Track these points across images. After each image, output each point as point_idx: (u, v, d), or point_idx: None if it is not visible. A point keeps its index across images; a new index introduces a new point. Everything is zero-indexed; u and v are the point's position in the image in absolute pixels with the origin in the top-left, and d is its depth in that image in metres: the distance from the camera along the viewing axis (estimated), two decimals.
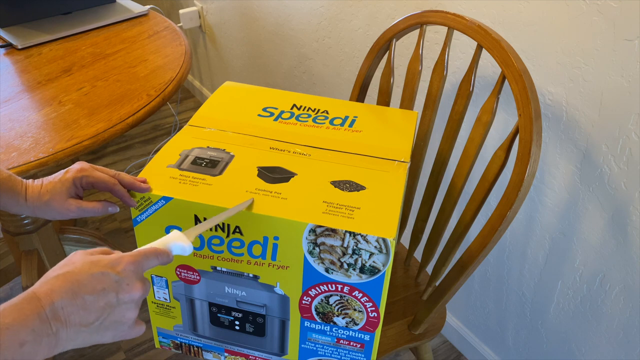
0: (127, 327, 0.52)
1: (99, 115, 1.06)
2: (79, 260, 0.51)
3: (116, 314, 0.50)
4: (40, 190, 0.67)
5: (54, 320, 0.46)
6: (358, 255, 0.68)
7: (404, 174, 0.77)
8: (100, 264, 0.51)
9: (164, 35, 1.38)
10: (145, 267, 0.54)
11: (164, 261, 0.56)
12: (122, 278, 0.51)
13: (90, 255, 0.52)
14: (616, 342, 1.04)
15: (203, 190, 0.71)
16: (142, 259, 0.53)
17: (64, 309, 0.47)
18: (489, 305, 1.34)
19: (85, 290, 0.48)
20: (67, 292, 0.48)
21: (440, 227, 1.01)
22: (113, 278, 0.50)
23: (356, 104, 0.96)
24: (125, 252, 0.54)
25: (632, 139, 0.87)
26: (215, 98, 0.94)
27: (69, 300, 0.47)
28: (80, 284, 0.48)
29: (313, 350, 0.81)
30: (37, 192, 0.67)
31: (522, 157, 0.79)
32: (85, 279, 0.49)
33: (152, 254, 0.55)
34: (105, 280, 0.50)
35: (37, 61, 1.26)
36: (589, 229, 1.01)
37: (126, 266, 0.52)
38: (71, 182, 0.67)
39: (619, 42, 0.84)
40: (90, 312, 0.49)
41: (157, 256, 0.55)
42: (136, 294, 0.51)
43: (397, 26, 0.99)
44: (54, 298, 0.47)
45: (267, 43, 1.87)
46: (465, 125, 1.10)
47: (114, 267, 0.51)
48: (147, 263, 0.54)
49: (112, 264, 0.51)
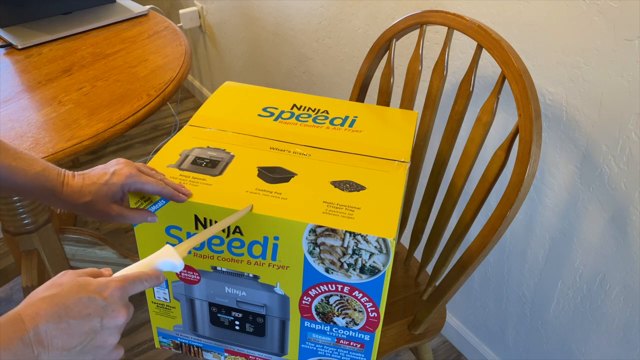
0: (107, 352, 0.52)
1: (99, 115, 1.06)
2: (67, 282, 0.50)
3: (98, 339, 0.50)
4: (82, 190, 0.64)
5: (36, 344, 0.46)
6: (358, 255, 0.68)
7: (404, 174, 0.77)
8: (87, 288, 0.50)
9: (164, 35, 1.38)
10: (131, 292, 0.53)
11: (153, 285, 0.55)
12: (108, 304, 0.50)
13: (78, 276, 0.51)
14: (616, 342, 1.04)
15: (203, 191, 0.71)
16: (128, 284, 0.53)
17: (48, 332, 0.47)
18: (489, 305, 1.34)
19: (70, 315, 0.48)
20: (53, 315, 0.47)
21: (440, 227, 1.01)
22: (99, 304, 0.50)
23: (356, 104, 0.96)
24: (113, 276, 0.54)
25: (632, 139, 0.87)
26: (215, 98, 0.94)
27: (53, 324, 0.47)
28: (66, 308, 0.48)
29: (313, 350, 0.81)
30: (78, 191, 0.64)
31: (522, 157, 0.79)
32: (71, 303, 0.48)
33: (140, 279, 0.54)
34: (91, 306, 0.49)
35: (37, 61, 1.26)
36: (589, 229, 1.01)
37: (113, 291, 0.51)
38: (118, 188, 0.65)
39: (619, 42, 0.84)
40: (74, 336, 0.48)
41: (144, 281, 0.54)
42: (120, 319, 0.51)
43: (397, 26, 0.99)
44: (38, 322, 0.46)
45: (267, 43, 1.87)
46: (465, 125, 1.10)
47: (101, 293, 0.50)
48: (133, 288, 0.53)
49: (99, 289, 0.50)
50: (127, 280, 0.53)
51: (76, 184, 0.65)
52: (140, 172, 0.67)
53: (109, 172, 0.65)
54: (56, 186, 0.64)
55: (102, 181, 0.65)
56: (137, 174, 0.66)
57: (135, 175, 0.65)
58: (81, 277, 0.51)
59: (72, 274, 0.52)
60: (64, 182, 0.65)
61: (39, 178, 0.63)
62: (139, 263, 0.57)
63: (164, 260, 0.58)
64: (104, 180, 0.65)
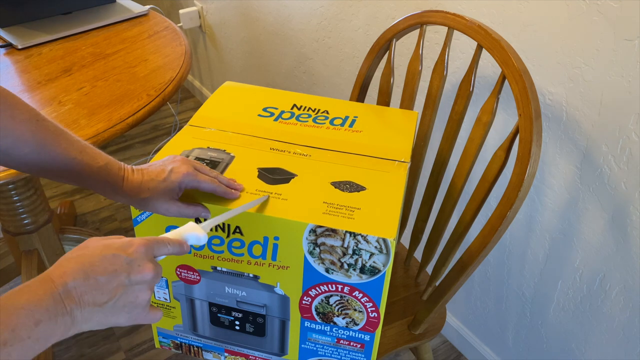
0: (141, 309, 0.53)
1: (99, 115, 1.06)
2: (92, 244, 0.52)
3: (129, 295, 0.51)
4: (141, 186, 0.66)
5: (67, 300, 0.47)
6: (358, 255, 0.68)
7: (404, 174, 0.77)
8: (112, 247, 0.51)
9: (164, 35, 1.38)
10: (156, 252, 0.54)
11: (177, 251, 0.56)
12: (133, 259, 0.51)
13: (104, 239, 0.53)
14: (616, 342, 1.04)
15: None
16: (153, 243, 0.54)
17: (77, 289, 0.48)
18: (489, 305, 1.34)
19: (97, 271, 0.49)
20: (79, 272, 0.49)
21: (440, 227, 1.01)
22: (124, 260, 0.51)
23: (356, 104, 0.96)
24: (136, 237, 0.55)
25: (632, 139, 0.88)
26: (215, 98, 0.94)
27: (81, 280, 0.48)
28: (92, 265, 0.50)
29: (313, 350, 0.81)
30: (137, 187, 0.66)
31: (522, 157, 0.79)
32: (97, 261, 0.50)
33: (164, 242, 0.55)
34: (116, 262, 0.51)
35: (37, 61, 1.26)
36: (589, 229, 1.01)
37: (137, 248, 0.52)
38: (176, 185, 0.67)
39: (619, 42, 0.84)
40: (103, 292, 0.49)
41: (168, 244, 0.56)
42: (148, 274, 0.52)
43: (397, 26, 0.99)
44: (66, 279, 0.48)
45: (267, 43, 1.87)
46: (465, 125, 1.10)
47: (125, 249, 0.52)
48: (158, 248, 0.55)
49: (123, 247, 0.52)
50: (152, 240, 0.54)
51: (136, 180, 0.66)
52: (196, 170, 0.68)
53: (167, 169, 0.67)
54: (117, 181, 0.66)
55: (161, 178, 0.66)
56: (194, 173, 0.68)
57: (192, 174, 0.67)
58: (106, 239, 0.53)
59: (98, 238, 0.54)
60: (124, 177, 0.66)
61: (102, 172, 0.65)
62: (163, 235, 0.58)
63: (190, 233, 0.59)
64: (162, 178, 0.66)
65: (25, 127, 0.60)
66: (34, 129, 0.61)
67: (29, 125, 0.61)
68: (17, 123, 0.60)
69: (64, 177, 0.64)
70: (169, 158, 0.70)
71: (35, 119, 0.61)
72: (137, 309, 0.53)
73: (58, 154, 0.63)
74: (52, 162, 0.63)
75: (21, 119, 0.60)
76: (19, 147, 0.60)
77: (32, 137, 0.61)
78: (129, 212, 1.94)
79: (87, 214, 1.96)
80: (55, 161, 0.63)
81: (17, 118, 0.60)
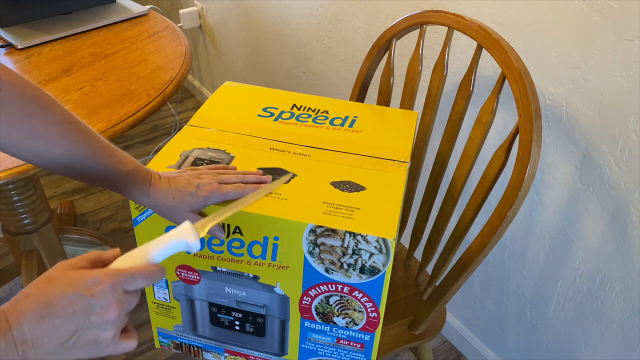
0: (104, 346, 0.51)
1: (99, 115, 1.06)
2: (57, 276, 0.49)
3: (89, 335, 0.49)
4: (167, 194, 0.66)
5: (20, 343, 0.45)
6: (358, 255, 0.68)
7: (404, 174, 0.77)
8: (75, 284, 0.49)
9: (164, 35, 1.38)
10: (127, 287, 0.51)
11: (151, 280, 0.54)
12: (96, 300, 0.49)
13: (70, 269, 0.51)
14: (616, 342, 1.04)
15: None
16: (122, 279, 0.51)
17: (31, 331, 0.46)
18: (489, 305, 1.34)
19: (54, 313, 0.47)
20: (35, 313, 0.46)
21: (440, 227, 1.01)
22: (86, 301, 0.48)
23: (356, 104, 0.96)
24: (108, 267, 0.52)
25: (632, 139, 0.87)
26: (215, 98, 0.94)
27: (36, 323, 0.46)
28: (50, 305, 0.47)
29: (313, 350, 0.81)
30: (163, 194, 0.66)
31: (522, 157, 0.79)
32: (56, 300, 0.47)
33: (134, 274, 0.52)
34: (76, 303, 0.48)
35: (37, 61, 1.26)
36: (589, 229, 1.01)
37: (103, 287, 0.49)
38: (202, 200, 0.67)
39: (619, 42, 0.84)
40: (59, 334, 0.47)
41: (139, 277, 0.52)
42: (110, 315, 0.49)
43: (397, 26, 0.99)
44: (21, 320, 0.46)
45: (267, 43, 1.87)
46: (465, 125, 1.10)
47: (89, 289, 0.49)
48: (128, 284, 0.51)
49: (88, 285, 0.49)
50: (118, 276, 0.51)
51: (162, 187, 0.67)
52: (220, 184, 0.69)
53: (193, 183, 0.67)
54: (144, 186, 0.66)
55: (188, 191, 0.67)
56: (219, 188, 0.68)
57: (217, 190, 0.68)
58: (74, 270, 0.50)
59: (67, 266, 0.51)
60: (151, 182, 0.67)
61: (130, 176, 0.65)
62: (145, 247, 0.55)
63: (175, 241, 0.56)
64: (189, 192, 0.67)
65: (57, 129, 0.60)
66: (66, 132, 0.60)
67: (61, 127, 0.60)
68: (50, 125, 0.59)
69: (91, 179, 0.64)
70: (194, 172, 0.70)
71: (68, 120, 0.61)
72: (100, 346, 0.50)
73: (88, 157, 0.62)
74: (81, 165, 0.62)
75: (54, 121, 0.59)
76: (49, 149, 0.60)
77: (63, 139, 0.60)
78: (128, 212, 1.94)
79: (87, 214, 1.96)
80: (84, 164, 0.63)
81: (49, 120, 0.59)
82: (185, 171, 0.70)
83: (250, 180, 0.71)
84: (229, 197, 0.69)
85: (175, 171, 0.71)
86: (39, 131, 0.59)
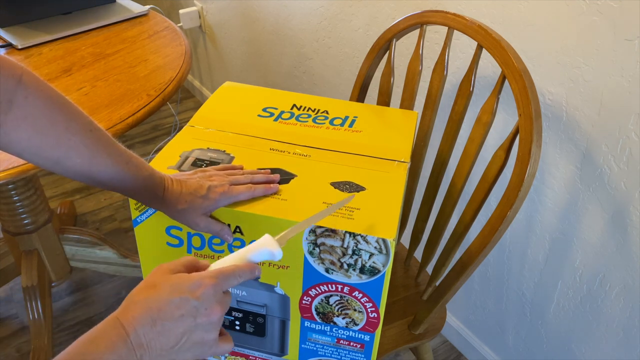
0: (207, 347, 0.53)
1: (99, 115, 1.06)
2: (160, 282, 0.52)
3: (195, 337, 0.52)
4: (179, 197, 0.67)
5: (137, 347, 0.48)
6: (358, 255, 0.68)
7: (404, 174, 0.77)
8: (179, 289, 0.51)
9: (164, 35, 1.38)
10: (226, 287, 0.54)
11: (248, 278, 0.56)
12: (201, 303, 0.51)
13: (171, 274, 0.53)
14: (616, 342, 1.04)
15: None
16: (222, 280, 0.54)
17: (146, 335, 0.49)
18: (489, 305, 1.34)
19: (164, 318, 0.50)
20: (147, 319, 0.49)
21: (440, 227, 1.01)
22: (192, 304, 0.51)
23: (356, 104, 0.96)
24: (207, 271, 0.54)
25: (632, 139, 0.87)
26: (215, 98, 0.94)
27: (149, 327, 0.49)
28: (159, 311, 0.50)
29: (313, 350, 0.81)
30: (176, 198, 0.67)
31: (522, 157, 0.79)
32: (164, 306, 0.50)
33: (234, 274, 0.55)
34: (183, 307, 0.51)
35: (37, 61, 1.26)
36: (589, 229, 1.01)
37: (206, 290, 0.52)
38: (213, 202, 0.68)
39: (619, 42, 0.84)
40: (170, 337, 0.50)
41: (238, 276, 0.55)
42: (214, 317, 0.52)
43: (397, 26, 0.99)
44: (135, 325, 0.49)
45: (267, 43, 1.87)
46: (465, 125, 1.10)
47: (193, 292, 0.51)
48: (228, 283, 0.54)
49: (191, 289, 0.51)
50: (220, 277, 0.54)
51: (175, 190, 0.68)
52: (231, 186, 0.69)
53: (204, 186, 0.68)
54: (158, 191, 0.67)
55: (199, 195, 0.67)
56: (229, 190, 0.68)
57: (227, 192, 0.68)
58: (175, 274, 0.53)
59: (166, 270, 0.53)
60: (165, 186, 0.68)
61: (146, 182, 0.66)
62: (236, 253, 0.58)
63: (262, 250, 0.58)
64: (201, 195, 0.67)
65: (79, 138, 0.60)
66: (87, 140, 0.61)
67: (82, 136, 0.60)
68: (72, 134, 0.59)
69: (108, 186, 0.65)
70: (204, 174, 0.70)
71: (89, 129, 0.61)
72: (204, 347, 0.53)
73: (107, 165, 0.63)
74: (100, 172, 0.63)
75: (76, 130, 0.60)
76: (70, 157, 0.60)
77: (84, 148, 0.61)
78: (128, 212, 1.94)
79: (87, 214, 1.96)
80: (103, 171, 0.63)
81: (72, 129, 0.59)
82: (196, 173, 0.71)
83: (260, 180, 0.72)
84: (239, 199, 0.69)
85: (186, 174, 0.71)
86: (61, 140, 0.59)
